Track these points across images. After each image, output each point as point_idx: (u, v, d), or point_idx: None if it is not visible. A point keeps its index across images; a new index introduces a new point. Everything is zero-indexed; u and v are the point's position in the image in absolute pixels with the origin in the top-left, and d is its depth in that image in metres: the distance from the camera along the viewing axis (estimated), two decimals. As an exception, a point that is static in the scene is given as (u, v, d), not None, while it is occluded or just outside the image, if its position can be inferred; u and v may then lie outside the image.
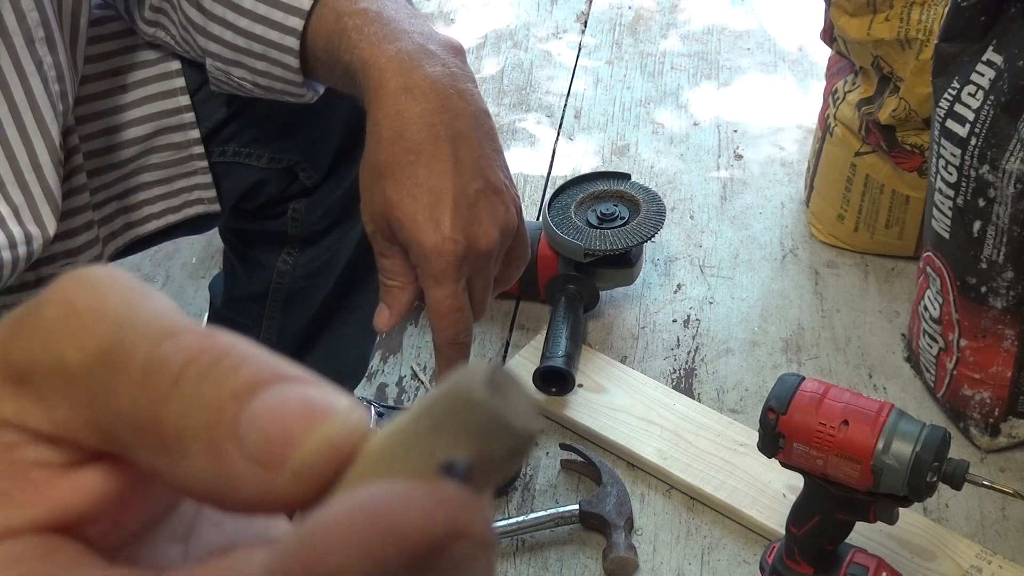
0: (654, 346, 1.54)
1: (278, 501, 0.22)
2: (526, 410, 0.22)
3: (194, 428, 0.22)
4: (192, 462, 0.22)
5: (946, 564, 1.22)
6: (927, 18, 1.43)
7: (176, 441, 0.22)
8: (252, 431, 0.22)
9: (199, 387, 0.22)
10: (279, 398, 0.22)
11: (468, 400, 0.22)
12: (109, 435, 0.23)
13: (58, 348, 0.23)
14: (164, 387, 0.22)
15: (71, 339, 0.23)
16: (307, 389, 0.23)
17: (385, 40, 0.82)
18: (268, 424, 0.22)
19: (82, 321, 0.23)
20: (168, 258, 1.71)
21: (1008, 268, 1.27)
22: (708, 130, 1.94)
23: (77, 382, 0.23)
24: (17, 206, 0.84)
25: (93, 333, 0.23)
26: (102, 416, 0.23)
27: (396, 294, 0.85)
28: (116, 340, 0.23)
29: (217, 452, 0.22)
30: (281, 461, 0.22)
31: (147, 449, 0.23)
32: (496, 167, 0.83)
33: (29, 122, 0.83)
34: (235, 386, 0.22)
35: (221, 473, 0.22)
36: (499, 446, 0.22)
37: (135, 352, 0.23)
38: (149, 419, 0.22)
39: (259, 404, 0.22)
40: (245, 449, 0.22)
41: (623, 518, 1.27)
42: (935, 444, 1.01)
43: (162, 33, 0.96)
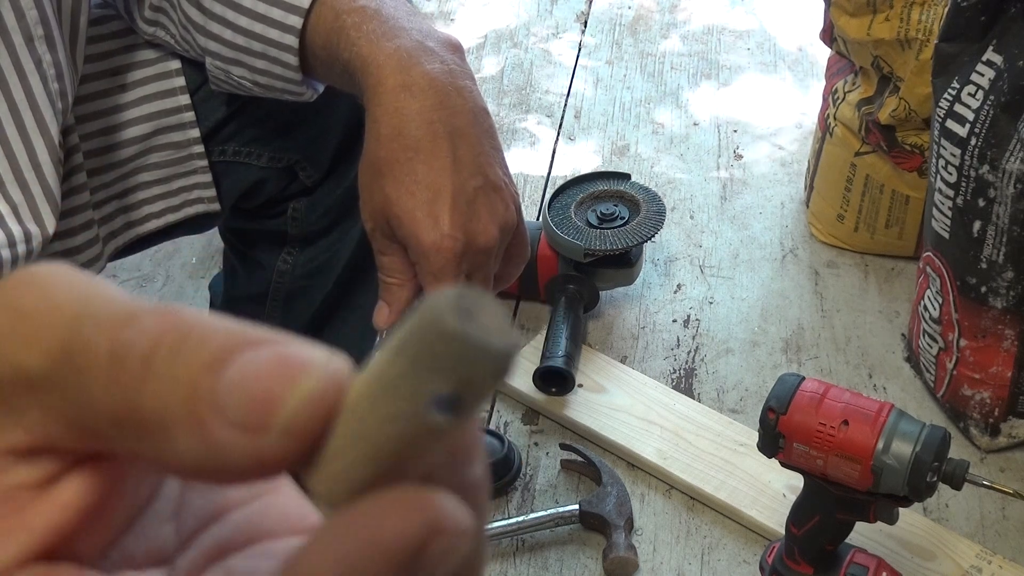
0: (654, 346, 1.54)
1: (270, 463, 0.22)
2: (500, 326, 0.22)
3: (173, 408, 0.22)
4: (177, 442, 0.22)
5: (946, 564, 1.22)
6: (927, 18, 1.43)
7: (157, 424, 0.22)
8: (232, 398, 0.22)
9: (170, 366, 0.22)
10: (253, 361, 0.22)
11: (440, 332, 0.21)
12: (87, 431, 0.23)
13: (14, 355, 0.23)
14: (135, 373, 0.22)
15: (26, 343, 0.23)
16: (280, 348, 0.22)
17: (384, 37, 0.82)
18: (247, 388, 0.22)
19: (33, 323, 0.23)
20: (168, 258, 1.71)
21: (1008, 268, 1.27)
22: (708, 130, 1.94)
23: (42, 385, 0.23)
24: (16, 204, 0.84)
25: (48, 333, 0.23)
26: (77, 414, 0.23)
27: (395, 292, 0.85)
28: (75, 335, 0.22)
29: (200, 427, 0.22)
30: (267, 422, 0.22)
31: (129, 438, 0.22)
32: (495, 164, 0.83)
33: (28, 120, 0.83)
34: (206, 358, 0.22)
35: (208, 447, 0.22)
36: (480, 370, 0.21)
37: (98, 343, 0.22)
38: (125, 407, 0.22)
39: (234, 371, 0.22)
40: (228, 417, 0.22)
41: (623, 518, 1.27)
42: (935, 444, 1.01)
43: (162, 32, 0.96)
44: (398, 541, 0.21)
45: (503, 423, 1.43)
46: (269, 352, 0.22)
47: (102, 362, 0.22)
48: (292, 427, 0.22)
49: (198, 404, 0.22)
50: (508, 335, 0.22)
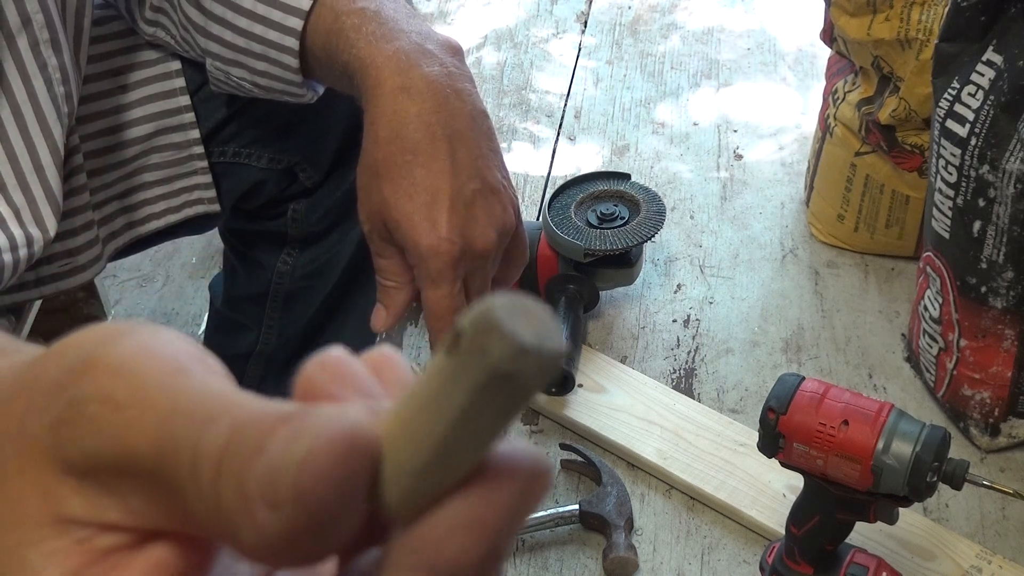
0: (654, 346, 1.54)
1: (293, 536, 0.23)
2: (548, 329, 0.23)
3: (235, 507, 0.23)
4: (248, 537, 0.23)
5: (946, 564, 1.22)
6: (927, 18, 1.43)
7: (230, 524, 0.23)
8: (265, 479, 0.23)
9: (231, 465, 0.23)
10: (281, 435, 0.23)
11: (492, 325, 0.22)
12: (187, 522, 0.24)
13: (114, 447, 0.24)
14: (210, 482, 0.23)
15: (124, 437, 0.24)
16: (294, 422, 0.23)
17: (383, 39, 0.81)
18: (270, 465, 0.23)
19: (129, 414, 0.24)
20: (168, 258, 1.71)
21: (1008, 268, 1.27)
22: (708, 130, 1.94)
23: (145, 476, 0.24)
24: (18, 208, 0.84)
25: (144, 427, 0.24)
26: (175, 506, 0.24)
27: (393, 294, 0.85)
28: (168, 436, 0.24)
29: (250, 518, 0.23)
30: (278, 498, 0.23)
31: (218, 536, 0.24)
32: (494, 167, 0.83)
33: (32, 124, 0.83)
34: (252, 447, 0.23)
35: (261, 534, 0.23)
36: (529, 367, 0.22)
37: (183, 449, 0.24)
38: (208, 513, 0.24)
39: (269, 449, 0.23)
40: (265, 499, 0.23)
41: (623, 518, 1.27)
42: (935, 444, 1.01)
43: (162, 33, 0.96)
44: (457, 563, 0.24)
45: (503, 423, 1.43)
46: (286, 430, 0.23)
47: (187, 470, 0.24)
48: (299, 497, 0.23)
49: (247, 497, 0.23)
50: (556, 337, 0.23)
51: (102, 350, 0.25)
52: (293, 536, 0.23)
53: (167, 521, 0.24)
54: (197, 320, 1.61)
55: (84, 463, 0.24)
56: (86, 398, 0.24)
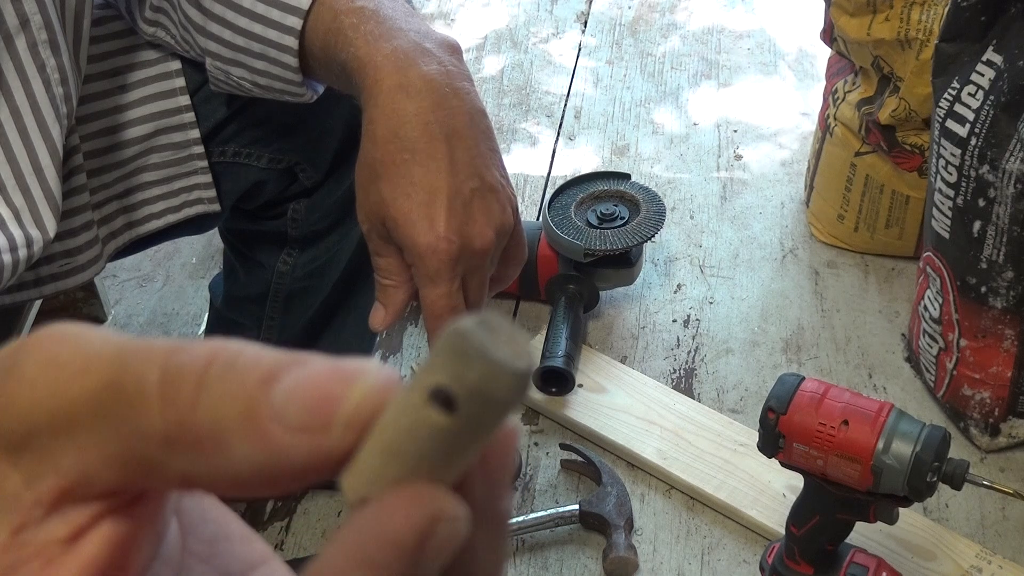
0: (654, 346, 1.54)
1: (332, 460, 0.23)
2: (513, 348, 0.23)
3: (230, 421, 0.23)
4: (236, 453, 0.23)
5: (946, 564, 1.22)
6: (927, 18, 1.43)
7: (214, 439, 0.23)
8: (291, 405, 0.23)
9: (223, 384, 0.23)
10: (307, 372, 0.23)
11: (456, 330, 0.23)
12: (135, 462, 0.24)
13: (55, 399, 0.24)
14: (188, 393, 0.23)
15: (68, 385, 0.24)
16: (331, 361, 0.24)
17: (381, 38, 0.81)
18: (304, 394, 0.23)
19: (73, 367, 0.24)
20: (168, 258, 1.71)
21: (1008, 268, 1.27)
22: (708, 130, 1.94)
23: (86, 422, 0.24)
24: (18, 208, 0.84)
25: (92, 372, 0.24)
26: (126, 445, 0.24)
27: (392, 293, 0.85)
28: (122, 369, 0.24)
29: (260, 435, 0.23)
30: (327, 421, 0.23)
31: (184, 457, 0.24)
32: (492, 166, 0.83)
33: (31, 125, 0.83)
34: (259, 374, 0.23)
35: (269, 453, 0.23)
36: (475, 373, 0.23)
37: (147, 371, 0.23)
38: (181, 427, 0.23)
39: (288, 381, 0.23)
40: (288, 422, 0.23)
41: (623, 518, 1.27)
42: (935, 444, 1.01)
43: (162, 33, 0.96)
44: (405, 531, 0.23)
45: (503, 423, 1.43)
46: (321, 364, 0.24)
47: (154, 388, 0.23)
48: (353, 422, 0.23)
49: (256, 414, 0.23)
50: (519, 358, 0.23)
51: (36, 333, 0.25)
52: (322, 457, 0.23)
53: (104, 470, 0.24)
54: (197, 320, 1.61)
55: (20, 430, 0.24)
56: (24, 363, 0.24)
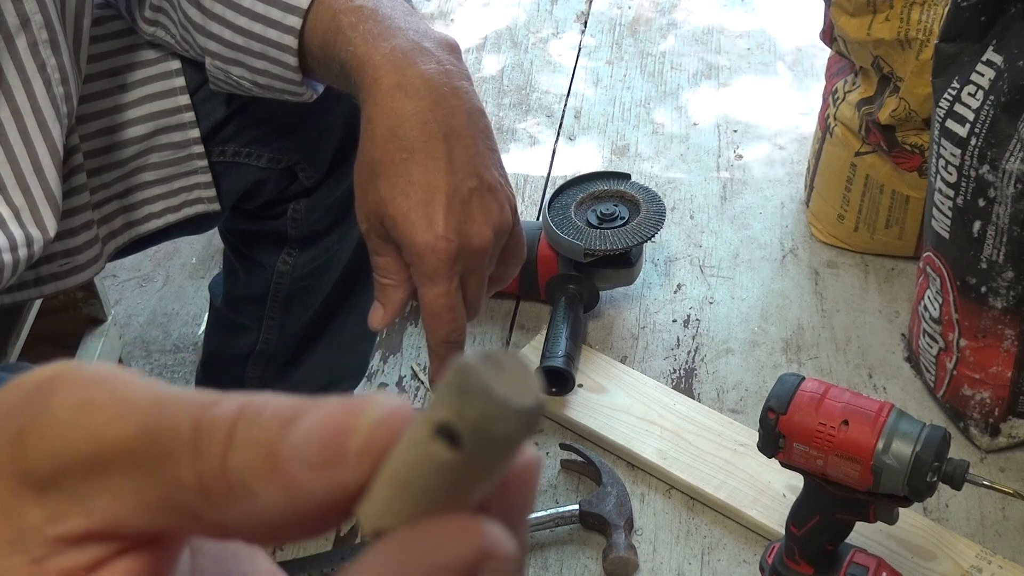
0: (654, 346, 1.54)
1: (349, 491, 0.24)
2: (519, 387, 0.23)
3: (254, 468, 0.24)
4: (261, 499, 0.24)
5: (946, 564, 1.22)
6: (927, 18, 1.43)
7: (243, 488, 0.24)
8: (307, 444, 0.24)
9: (250, 433, 0.24)
10: (321, 411, 0.24)
11: (460, 367, 0.23)
12: (169, 510, 0.24)
13: (89, 443, 0.24)
14: (219, 444, 0.24)
15: (103, 430, 0.24)
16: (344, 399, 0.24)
17: (380, 37, 0.81)
18: (319, 432, 0.24)
19: (108, 412, 0.24)
20: (168, 258, 1.71)
21: (1008, 268, 1.27)
22: (708, 130, 1.94)
23: (121, 467, 0.24)
24: (18, 208, 0.84)
25: (128, 420, 0.24)
26: (159, 493, 0.24)
27: (390, 292, 0.85)
28: (158, 418, 0.24)
29: (282, 478, 0.23)
30: (341, 454, 0.23)
31: (217, 508, 0.24)
32: (491, 165, 0.83)
33: (31, 125, 0.83)
34: (280, 420, 0.24)
35: (291, 494, 0.24)
36: (479, 411, 0.23)
37: (182, 423, 0.24)
38: (212, 479, 0.24)
39: (305, 422, 0.24)
40: (306, 461, 0.23)
41: (623, 518, 1.27)
42: (935, 444, 1.01)
43: (162, 32, 0.96)
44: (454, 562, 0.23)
45: (503, 423, 1.43)
46: (335, 402, 0.24)
47: (187, 438, 0.24)
48: (365, 451, 0.24)
49: (277, 458, 0.24)
50: (525, 396, 0.23)
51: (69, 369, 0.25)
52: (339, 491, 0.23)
53: (134, 516, 0.24)
54: (197, 320, 1.61)
55: (49, 469, 0.24)
56: (58, 407, 0.24)
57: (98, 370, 0.25)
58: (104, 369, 0.25)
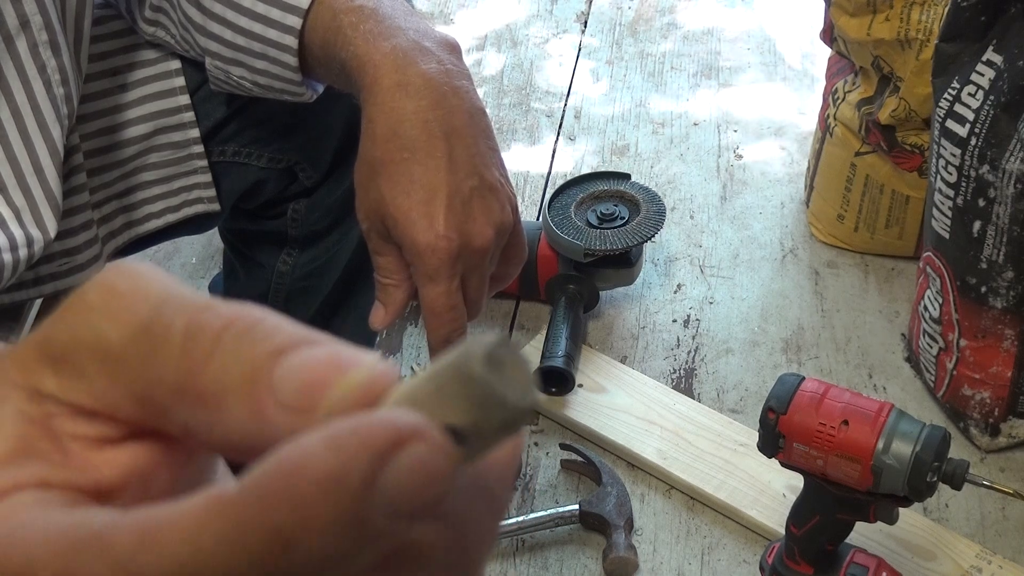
0: (654, 346, 1.54)
1: None
2: (523, 384, 0.23)
3: (233, 383, 0.24)
4: (230, 415, 0.24)
5: (946, 564, 1.22)
6: (927, 18, 1.43)
7: (215, 398, 0.24)
8: (287, 382, 0.24)
9: (237, 347, 0.24)
10: (311, 353, 0.24)
11: (466, 373, 0.23)
12: (149, 403, 0.25)
13: (100, 325, 0.25)
14: (204, 349, 0.24)
15: (114, 316, 0.25)
16: (336, 347, 0.24)
17: (380, 37, 0.81)
18: (302, 374, 0.24)
19: (124, 301, 0.25)
20: (168, 258, 1.71)
21: (1008, 268, 1.27)
22: (708, 130, 1.94)
23: (118, 355, 0.25)
24: (18, 208, 0.84)
25: (135, 310, 0.25)
26: (143, 384, 0.25)
27: (391, 292, 0.85)
28: (157, 314, 0.25)
29: (254, 403, 0.24)
30: (314, 404, 0.24)
31: (187, 409, 0.25)
32: (491, 165, 0.83)
33: (31, 125, 0.83)
34: (271, 346, 0.24)
35: (258, 423, 0.24)
36: (492, 417, 0.23)
37: (175, 322, 0.25)
38: (190, 380, 0.24)
39: (293, 358, 0.24)
40: (280, 398, 0.24)
41: (623, 518, 1.27)
42: (935, 444, 1.01)
43: (162, 32, 0.96)
44: (385, 431, 0.22)
45: (503, 423, 1.43)
46: (325, 348, 0.24)
47: (177, 338, 0.25)
48: (335, 411, 0.23)
49: (256, 383, 0.24)
50: (528, 394, 0.23)
51: (112, 264, 0.27)
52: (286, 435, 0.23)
53: (127, 406, 0.25)
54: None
55: (65, 344, 0.25)
56: (90, 287, 0.26)
57: (136, 265, 0.26)
58: (142, 265, 0.27)
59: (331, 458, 0.21)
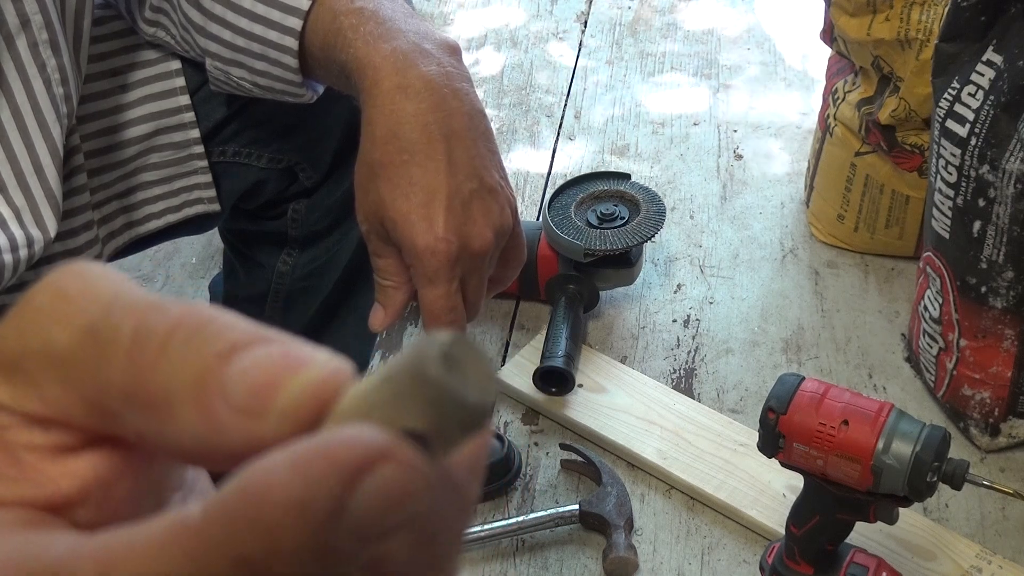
0: (654, 346, 1.54)
1: (264, 447, 0.23)
2: (483, 381, 0.23)
3: (181, 388, 0.23)
4: (181, 421, 0.23)
5: (946, 564, 1.22)
6: (927, 18, 1.43)
7: (164, 403, 0.23)
8: (237, 384, 0.23)
9: (185, 350, 0.23)
10: (262, 353, 0.24)
11: (424, 376, 0.22)
12: (100, 408, 0.24)
13: (50, 329, 0.24)
14: (152, 352, 0.24)
15: (62, 320, 0.24)
16: (287, 346, 0.24)
17: (380, 39, 0.82)
18: (252, 376, 0.23)
19: (72, 304, 0.25)
20: (168, 258, 1.71)
21: (1008, 268, 1.27)
22: (708, 130, 1.94)
23: (66, 360, 0.24)
24: (19, 208, 0.84)
25: (82, 313, 0.24)
26: (93, 389, 0.24)
27: (391, 294, 0.85)
28: (104, 316, 0.24)
29: (204, 408, 0.23)
30: (266, 407, 0.23)
31: (137, 415, 0.24)
32: (491, 167, 0.83)
33: (31, 125, 0.83)
34: (219, 347, 0.23)
35: (209, 428, 0.23)
36: (453, 419, 0.23)
37: (123, 324, 0.24)
38: (138, 385, 0.24)
39: (243, 359, 0.23)
40: (231, 401, 0.23)
41: (623, 518, 1.27)
42: (935, 444, 1.01)
43: (162, 33, 0.96)
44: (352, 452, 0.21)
45: (503, 423, 1.43)
46: (277, 348, 0.24)
47: (124, 341, 0.24)
48: (288, 412, 0.23)
49: (205, 387, 0.23)
50: (488, 392, 0.23)
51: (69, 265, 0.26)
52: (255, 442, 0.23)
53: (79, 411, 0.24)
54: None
55: (15, 350, 0.25)
56: (39, 291, 0.25)
57: (85, 265, 0.26)
58: (91, 265, 0.26)
59: (297, 482, 0.21)
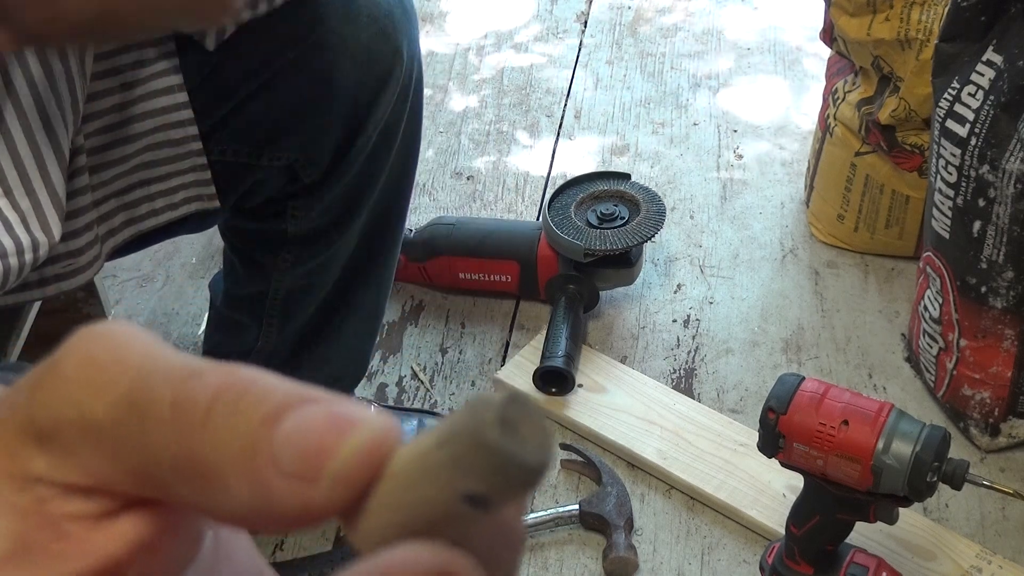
0: (654, 346, 1.54)
1: (318, 511, 0.23)
2: (540, 439, 0.23)
3: (230, 457, 0.23)
4: (232, 491, 0.23)
5: (946, 564, 1.22)
6: (927, 18, 1.43)
7: (214, 474, 0.23)
8: (287, 450, 0.23)
9: (229, 419, 0.23)
10: (308, 416, 0.23)
11: (482, 443, 0.22)
12: (147, 479, 0.24)
13: (83, 401, 0.24)
14: (195, 424, 0.23)
15: (95, 391, 0.24)
16: (333, 405, 0.24)
17: None
18: (301, 440, 0.23)
19: (105, 373, 0.24)
20: (168, 258, 1.71)
21: (1008, 268, 1.27)
22: (708, 130, 1.94)
23: (105, 432, 0.24)
24: (24, 212, 0.84)
25: (117, 383, 0.24)
26: (137, 461, 0.24)
27: None
28: (142, 386, 0.24)
29: (255, 476, 0.23)
30: (318, 472, 0.23)
31: (187, 486, 0.24)
32: None
33: (37, 130, 0.83)
34: (264, 412, 0.23)
35: (261, 495, 0.23)
36: (513, 481, 0.23)
37: (162, 394, 0.24)
38: (185, 457, 0.23)
39: (289, 424, 0.23)
40: (282, 468, 0.23)
41: (623, 518, 1.27)
42: (935, 444, 1.01)
43: None
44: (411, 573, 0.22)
45: (503, 423, 1.43)
46: (323, 408, 0.23)
47: (165, 412, 0.23)
48: (341, 477, 0.23)
49: (255, 455, 0.23)
50: (545, 450, 0.23)
51: (93, 326, 0.25)
52: (309, 507, 0.23)
53: (123, 480, 0.24)
54: (197, 320, 1.61)
55: (49, 421, 0.24)
56: (65, 357, 0.25)
57: (112, 327, 0.25)
58: (117, 326, 0.25)
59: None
